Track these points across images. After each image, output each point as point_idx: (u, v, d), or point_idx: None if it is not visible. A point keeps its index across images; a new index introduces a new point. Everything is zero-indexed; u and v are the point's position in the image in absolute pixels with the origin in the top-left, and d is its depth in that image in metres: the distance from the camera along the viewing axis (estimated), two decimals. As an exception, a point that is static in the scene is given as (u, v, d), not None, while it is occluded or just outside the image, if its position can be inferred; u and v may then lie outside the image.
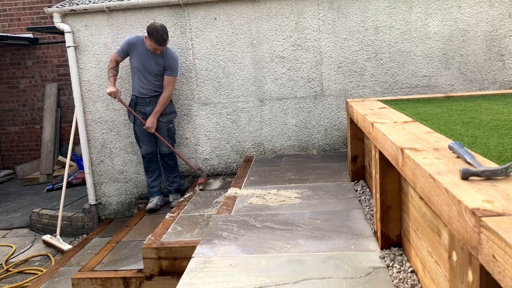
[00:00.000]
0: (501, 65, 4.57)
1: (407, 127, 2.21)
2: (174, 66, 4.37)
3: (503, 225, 0.97)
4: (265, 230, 2.67)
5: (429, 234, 1.77)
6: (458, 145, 1.58)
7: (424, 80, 4.65)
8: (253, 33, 4.75)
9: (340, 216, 2.82)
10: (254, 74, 4.81)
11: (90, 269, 3.44)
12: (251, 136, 4.93)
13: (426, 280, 1.85)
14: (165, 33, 4.15)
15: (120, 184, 5.14)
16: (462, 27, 4.54)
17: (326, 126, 4.84)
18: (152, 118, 4.37)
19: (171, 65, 4.35)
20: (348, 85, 4.73)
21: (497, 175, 1.28)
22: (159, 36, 4.11)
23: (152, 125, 4.37)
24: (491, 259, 0.98)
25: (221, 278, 2.10)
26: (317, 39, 4.69)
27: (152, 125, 4.37)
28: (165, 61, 4.33)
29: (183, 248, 3.12)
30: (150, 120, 4.37)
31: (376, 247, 2.31)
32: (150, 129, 4.39)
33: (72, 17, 4.89)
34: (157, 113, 4.38)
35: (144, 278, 3.22)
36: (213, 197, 4.13)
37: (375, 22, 4.60)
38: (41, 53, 8.16)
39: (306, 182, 3.65)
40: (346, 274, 2.05)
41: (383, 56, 4.64)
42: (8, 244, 5.10)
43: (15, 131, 8.50)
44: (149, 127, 4.37)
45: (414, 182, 1.59)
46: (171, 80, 4.39)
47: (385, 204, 2.25)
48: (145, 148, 4.55)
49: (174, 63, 4.37)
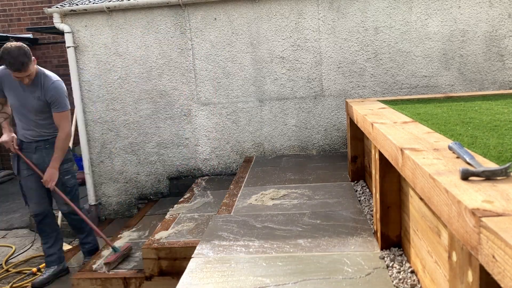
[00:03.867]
0: (500, 65, 4.57)
1: (407, 127, 2.21)
2: (58, 98, 3.37)
3: (503, 225, 0.97)
4: (265, 230, 2.67)
5: (429, 234, 1.77)
6: (458, 145, 1.58)
7: (424, 80, 4.65)
8: (253, 33, 4.75)
9: (340, 216, 2.82)
10: (254, 74, 4.81)
11: (90, 269, 3.43)
12: (251, 136, 4.93)
13: (426, 280, 1.85)
14: (21, 53, 3.13)
15: (120, 184, 5.14)
16: (462, 27, 4.54)
17: (326, 126, 4.84)
18: (51, 169, 3.42)
19: (54, 97, 3.35)
20: (348, 85, 4.73)
21: (497, 175, 1.28)
22: (13, 59, 3.11)
23: (51, 177, 3.43)
24: (491, 259, 0.97)
25: (221, 278, 2.10)
26: (317, 39, 4.69)
27: (51, 178, 3.43)
28: (45, 94, 3.35)
29: (183, 248, 3.12)
30: (48, 171, 3.41)
31: (376, 247, 2.31)
32: (48, 184, 3.44)
33: (72, 18, 4.89)
34: (56, 161, 3.44)
35: (144, 278, 3.21)
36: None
37: (375, 22, 4.60)
38: (41, 53, 8.15)
39: (306, 182, 3.65)
40: (346, 274, 2.05)
41: (383, 56, 4.64)
42: (8, 244, 5.09)
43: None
44: (47, 180, 3.42)
45: (414, 182, 1.59)
46: (63, 116, 3.40)
47: (385, 204, 2.25)
48: (32, 207, 3.58)
49: (57, 94, 3.36)
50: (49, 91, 3.33)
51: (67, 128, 3.43)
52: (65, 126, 3.42)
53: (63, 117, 3.40)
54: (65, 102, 3.42)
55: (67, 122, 3.44)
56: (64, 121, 3.41)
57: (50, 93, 3.34)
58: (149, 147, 5.06)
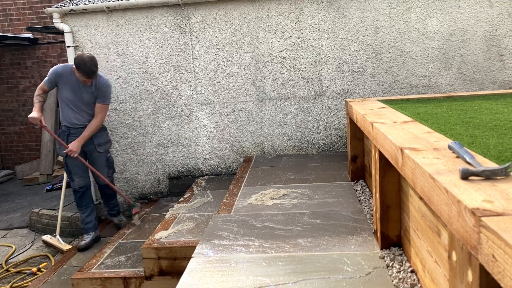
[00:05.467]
0: (500, 65, 4.57)
1: (406, 127, 2.21)
2: (106, 93, 4.14)
3: (503, 225, 0.97)
4: (265, 230, 2.67)
5: (429, 234, 1.77)
6: (457, 145, 1.58)
7: (424, 80, 4.65)
8: (253, 33, 4.75)
9: (340, 216, 2.82)
10: (253, 74, 4.81)
11: (90, 269, 3.43)
12: (251, 136, 4.93)
13: (426, 280, 1.85)
14: (93, 64, 3.90)
15: (120, 184, 5.13)
16: (462, 27, 4.54)
17: (326, 126, 4.84)
18: (77, 142, 4.02)
19: (103, 92, 4.11)
20: (347, 85, 4.73)
21: (497, 175, 1.29)
22: (87, 68, 3.87)
23: (76, 149, 4.00)
24: (491, 259, 0.98)
25: (221, 278, 2.10)
26: (316, 39, 4.69)
27: (76, 149, 4.00)
28: (97, 90, 4.08)
29: (183, 248, 3.12)
30: (74, 143, 4.01)
31: (376, 247, 2.31)
32: (72, 153, 4.00)
33: (71, 17, 4.89)
34: (83, 138, 4.07)
35: (144, 278, 3.22)
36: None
37: (374, 22, 4.60)
38: (40, 53, 8.15)
39: (306, 182, 3.65)
40: (346, 273, 2.05)
41: (382, 56, 4.64)
42: (7, 244, 5.09)
43: (15, 131, 8.50)
44: (72, 150, 3.99)
45: (414, 182, 1.59)
46: (103, 108, 4.15)
47: (384, 204, 2.25)
48: (78, 181, 4.17)
49: (106, 91, 4.14)
50: (101, 87, 4.08)
51: (102, 117, 4.17)
52: (101, 115, 4.16)
53: (102, 109, 4.14)
54: (109, 98, 4.19)
55: (104, 113, 4.19)
56: (103, 111, 4.17)
57: (102, 89, 4.09)
58: (149, 147, 5.06)
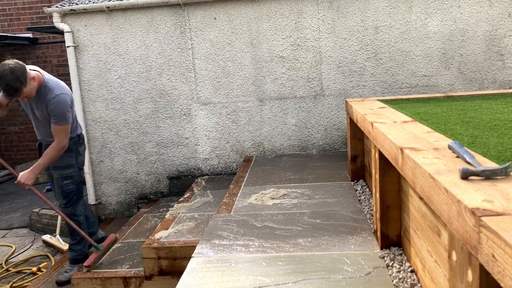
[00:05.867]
0: (500, 65, 4.57)
1: (406, 126, 2.21)
2: (59, 113, 3.28)
3: (503, 224, 0.97)
4: (265, 229, 2.67)
5: (428, 233, 1.77)
6: (457, 145, 1.58)
7: (424, 80, 4.65)
8: (253, 32, 4.75)
9: (340, 215, 2.82)
10: (253, 74, 4.81)
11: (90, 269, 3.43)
12: (251, 136, 4.93)
13: (426, 279, 1.85)
14: (13, 79, 2.99)
15: (120, 184, 5.14)
16: (462, 26, 4.54)
17: (326, 125, 4.84)
18: (27, 172, 3.33)
19: (54, 111, 3.27)
20: (347, 85, 4.73)
21: (497, 174, 1.28)
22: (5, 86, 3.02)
23: (25, 180, 3.32)
24: (491, 259, 0.98)
25: (221, 278, 2.10)
26: (316, 38, 4.69)
27: (24, 181, 3.32)
28: (47, 106, 3.30)
29: (183, 248, 3.12)
30: (24, 174, 3.34)
31: (376, 247, 2.31)
32: (23, 185, 3.33)
33: (71, 17, 4.89)
34: (37, 167, 3.35)
35: (144, 278, 3.22)
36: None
37: (374, 21, 4.60)
38: (40, 53, 8.15)
39: (306, 182, 3.65)
40: (346, 273, 2.05)
41: (382, 55, 4.64)
42: (7, 244, 5.09)
43: (15, 131, 8.50)
44: (20, 182, 3.32)
45: (414, 181, 1.59)
46: (59, 129, 3.32)
47: (384, 204, 2.25)
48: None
49: (57, 109, 3.27)
50: (50, 104, 3.28)
51: (62, 141, 3.35)
52: (61, 139, 3.35)
53: (60, 130, 3.34)
54: (65, 117, 3.32)
55: (64, 135, 3.36)
56: (61, 134, 3.34)
57: (51, 107, 3.28)
58: (149, 147, 5.06)
